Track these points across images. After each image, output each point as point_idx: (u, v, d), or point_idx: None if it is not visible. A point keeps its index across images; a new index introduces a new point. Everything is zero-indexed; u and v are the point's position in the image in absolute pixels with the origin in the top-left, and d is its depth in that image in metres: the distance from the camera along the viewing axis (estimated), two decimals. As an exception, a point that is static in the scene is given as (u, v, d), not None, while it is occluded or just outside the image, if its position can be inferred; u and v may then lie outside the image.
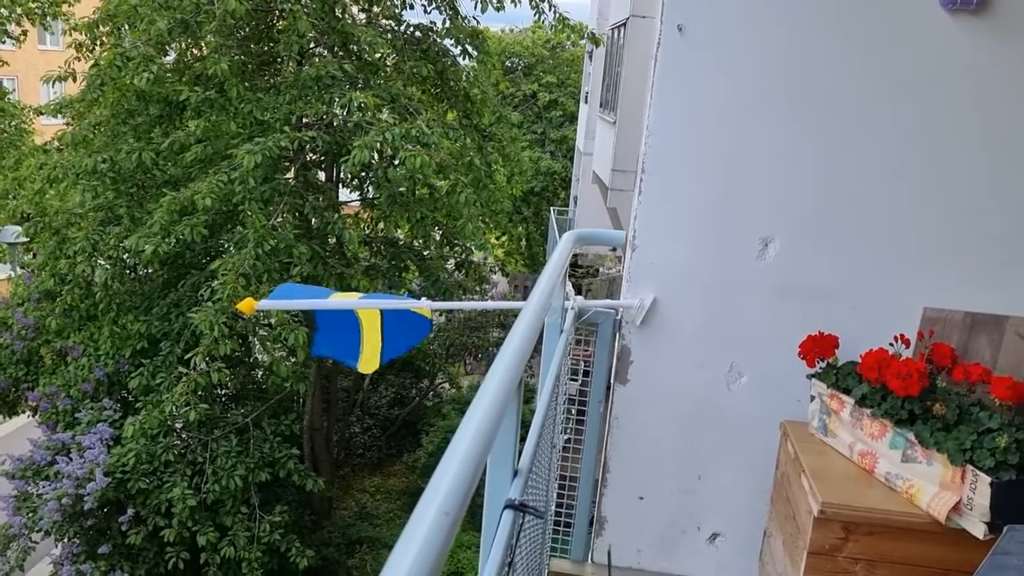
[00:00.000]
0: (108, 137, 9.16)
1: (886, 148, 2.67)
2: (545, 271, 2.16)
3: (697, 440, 2.95)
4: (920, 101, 2.61)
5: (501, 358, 1.49)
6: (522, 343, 1.61)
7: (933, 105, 2.61)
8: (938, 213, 2.67)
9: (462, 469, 1.11)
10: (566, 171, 23.49)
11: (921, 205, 2.67)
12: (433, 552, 0.93)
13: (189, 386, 7.83)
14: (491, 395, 1.32)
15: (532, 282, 23.57)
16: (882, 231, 2.71)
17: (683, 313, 2.84)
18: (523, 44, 25.08)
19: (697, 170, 2.74)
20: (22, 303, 9.80)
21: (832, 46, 2.61)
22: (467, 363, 17.76)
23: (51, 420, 9.42)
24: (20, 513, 8.78)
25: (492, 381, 1.37)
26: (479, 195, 9.32)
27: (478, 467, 1.14)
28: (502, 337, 14.38)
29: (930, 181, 2.66)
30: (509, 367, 1.46)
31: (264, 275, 7.96)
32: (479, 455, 1.16)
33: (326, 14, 9.08)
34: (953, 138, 2.62)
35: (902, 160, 2.66)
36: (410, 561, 0.90)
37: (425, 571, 0.90)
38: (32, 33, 18.94)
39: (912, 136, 2.64)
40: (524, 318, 1.76)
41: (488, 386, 1.35)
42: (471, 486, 1.09)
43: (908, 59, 2.59)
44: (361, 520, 12.46)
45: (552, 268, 2.20)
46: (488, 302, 14.53)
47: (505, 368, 1.45)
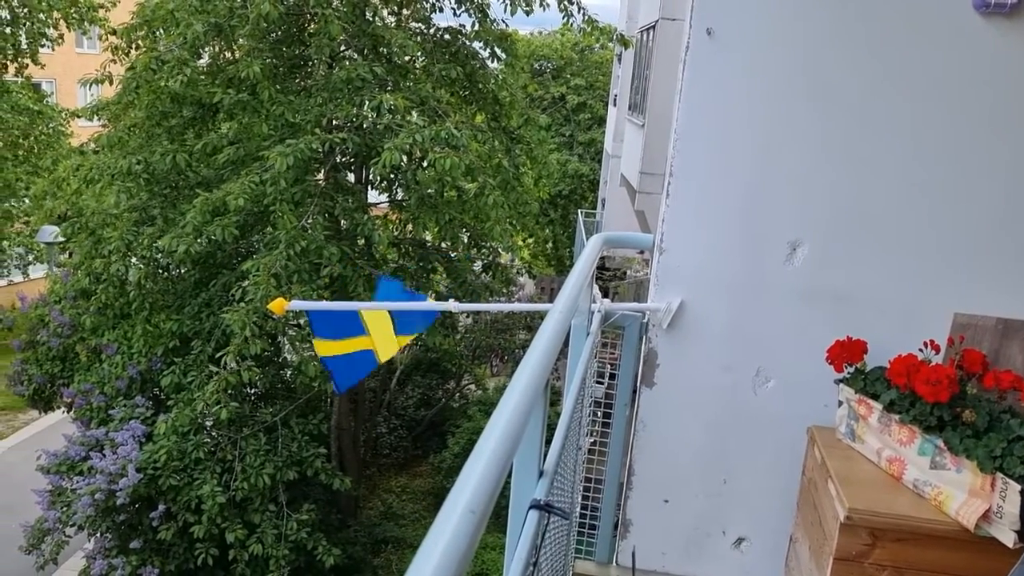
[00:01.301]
0: (143, 139, 9.33)
1: (916, 151, 2.64)
2: (572, 274, 2.18)
3: (723, 444, 2.94)
4: (951, 104, 2.59)
5: (528, 360, 1.51)
6: (549, 345, 1.63)
7: (964, 108, 2.58)
8: (969, 217, 2.64)
9: (488, 468, 1.13)
10: (594, 174, 23.46)
11: (951, 209, 2.65)
12: (459, 550, 0.95)
13: (220, 384, 7.95)
14: (518, 396, 1.34)
15: (559, 284, 23.52)
16: (912, 235, 2.69)
17: (710, 316, 2.84)
18: (552, 47, 25.08)
19: (725, 174, 2.74)
20: (59, 301, 10.01)
21: (860, 49, 2.60)
22: (493, 365, 17.80)
23: (85, 416, 9.61)
24: (55, 507, 8.96)
25: (519, 383, 1.39)
26: (507, 197, 9.35)
27: (504, 467, 1.16)
28: (528, 339, 14.49)
29: (961, 185, 2.63)
30: (535, 369, 1.48)
31: (295, 275, 8.06)
32: (505, 455, 1.18)
33: (357, 17, 9.18)
34: (984, 141, 2.60)
35: (932, 163, 2.64)
36: (436, 558, 0.92)
37: (451, 569, 0.92)
38: (69, 37, 19.35)
39: (942, 139, 2.62)
40: (551, 320, 1.78)
41: (515, 387, 1.37)
42: (497, 485, 1.11)
43: (939, 62, 2.57)
44: (387, 520, 12.53)
45: (579, 271, 2.21)
46: (515, 304, 14.55)
47: (532, 370, 1.47)
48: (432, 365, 15.74)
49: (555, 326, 1.74)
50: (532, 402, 1.38)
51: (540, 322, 7.13)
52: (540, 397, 1.51)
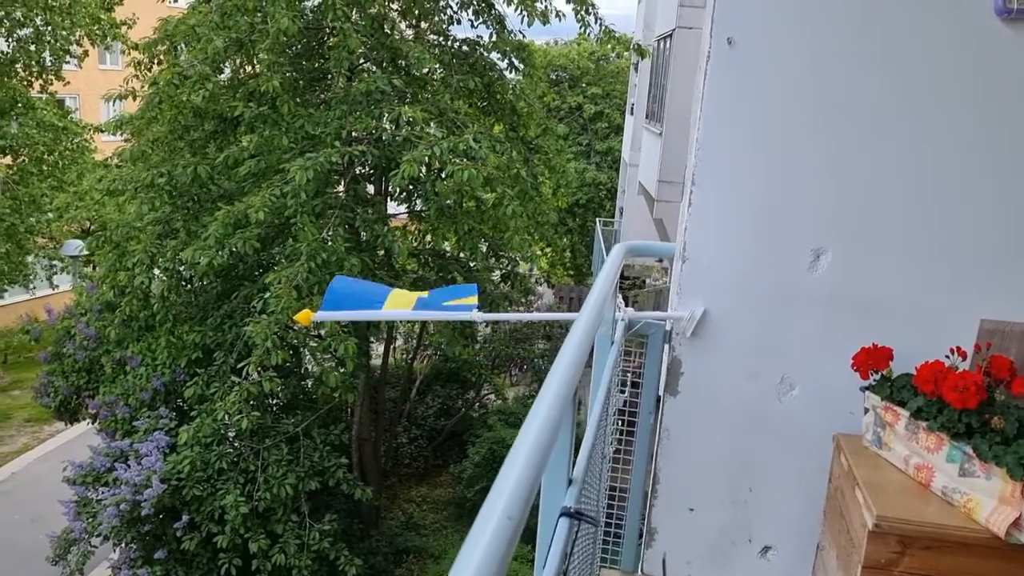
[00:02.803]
0: (165, 152, 9.46)
1: (940, 158, 2.64)
2: (596, 283, 2.19)
3: (748, 452, 2.94)
4: (975, 110, 2.58)
5: (556, 369, 1.53)
6: (576, 354, 1.64)
7: (988, 114, 2.58)
8: (995, 223, 2.63)
9: (523, 475, 1.14)
10: (612, 182, 23.47)
11: (977, 215, 2.64)
12: (498, 555, 0.97)
13: (242, 394, 8.02)
14: (548, 405, 1.36)
15: (577, 293, 23.56)
16: (937, 242, 2.68)
17: (734, 324, 2.84)
18: (568, 56, 25.16)
19: (747, 182, 2.74)
20: (85, 313, 10.14)
21: (884, 56, 2.60)
22: (513, 374, 17.78)
23: (110, 428, 9.71)
24: (80, 518, 9.05)
25: (549, 391, 1.40)
26: (526, 207, 9.38)
27: (538, 474, 1.17)
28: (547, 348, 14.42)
29: (987, 190, 2.62)
30: (564, 377, 1.49)
31: (315, 287, 8.11)
32: (538, 463, 1.20)
33: (375, 31, 9.27)
34: (1009, 146, 2.59)
35: (957, 170, 2.63)
36: (475, 564, 0.94)
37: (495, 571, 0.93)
38: (92, 53, 19.63)
39: (968, 145, 2.61)
40: (577, 330, 1.79)
41: (545, 396, 1.39)
42: (532, 492, 1.13)
43: (961, 68, 2.57)
44: (408, 530, 12.54)
45: (603, 280, 2.23)
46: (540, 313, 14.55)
47: (561, 378, 1.48)
48: (452, 375, 15.76)
49: (581, 335, 1.76)
50: (563, 411, 1.39)
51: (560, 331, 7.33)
52: (569, 406, 1.53)
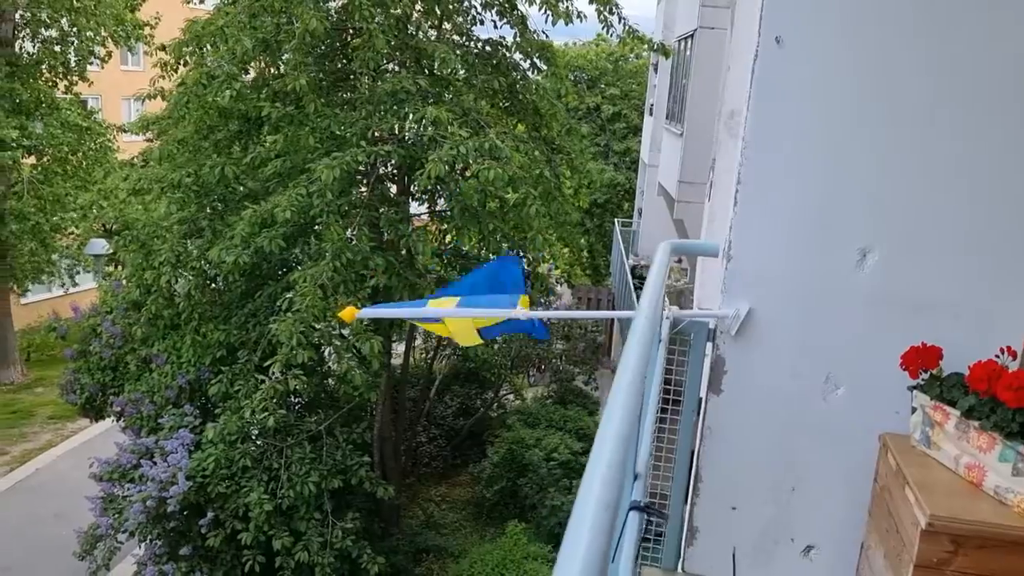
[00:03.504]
0: (190, 152, 9.53)
1: (990, 156, 2.63)
2: (649, 280, 2.20)
3: (791, 451, 2.94)
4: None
5: (625, 364, 1.53)
6: (641, 350, 1.65)
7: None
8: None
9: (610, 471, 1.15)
10: (630, 183, 23.45)
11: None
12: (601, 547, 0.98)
13: (268, 393, 8.07)
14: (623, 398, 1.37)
15: (595, 294, 23.53)
16: (985, 241, 2.67)
17: (779, 323, 2.84)
18: (586, 57, 25.16)
19: (794, 180, 2.74)
20: (110, 311, 10.23)
21: (934, 52, 2.60)
22: (531, 374, 17.80)
23: (135, 425, 9.78)
24: (107, 514, 9.13)
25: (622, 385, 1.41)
26: (548, 207, 9.39)
27: (623, 468, 1.18)
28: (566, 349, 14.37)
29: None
30: (635, 372, 1.50)
31: (340, 286, 8.16)
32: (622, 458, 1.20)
33: (400, 31, 9.30)
34: (1060, 146, 2.57)
35: (1006, 167, 2.62)
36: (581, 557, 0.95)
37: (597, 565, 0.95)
38: (115, 54, 19.81)
39: (1017, 144, 2.60)
40: (638, 326, 1.80)
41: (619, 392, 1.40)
42: (622, 483, 1.14)
43: (1014, 64, 2.55)
44: (428, 529, 12.58)
45: (655, 277, 2.24)
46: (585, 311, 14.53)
47: (631, 373, 1.49)
48: (470, 375, 15.80)
49: (643, 331, 1.76)
50: (637, 404, 1.40)
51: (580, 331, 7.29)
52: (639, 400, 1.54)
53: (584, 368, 16.40)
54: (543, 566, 10.84)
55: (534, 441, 13.23)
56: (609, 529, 1.02)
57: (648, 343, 1.76)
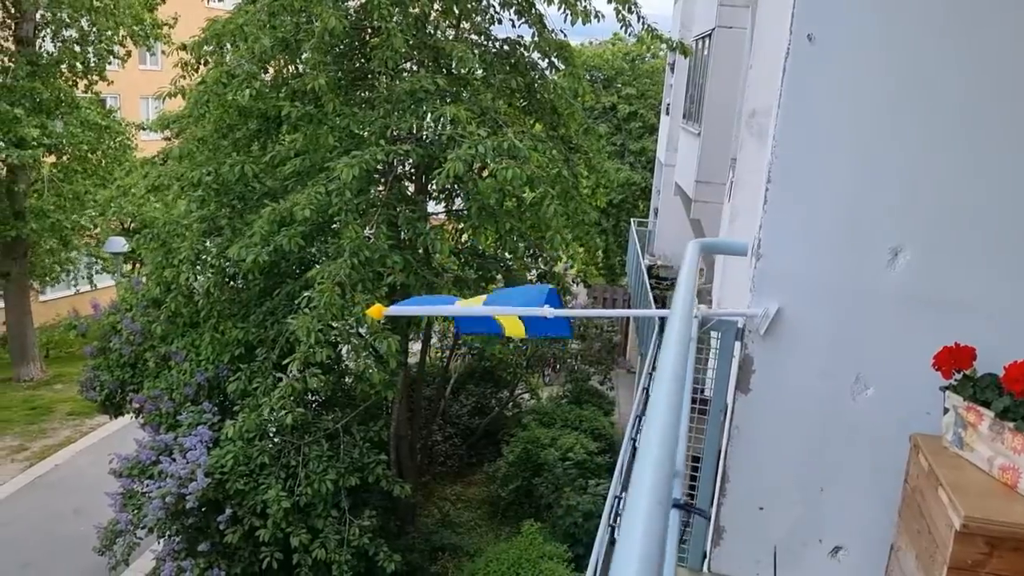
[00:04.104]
0: (210, 151, 9.59)
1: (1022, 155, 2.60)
2: (681, 280, 2.20)
3: (820, 451, 2.92)
4: (1061, 106, 2.54)
5: (665, 362, 1.53)
6: (680, 348, 1.65)
7: (1076, 111, 2.54)
8: (1080, 222, 2.59)
9: (660, 466, 1.15)
10: (645, 182, 23.39)
11: (1061, 213, 2.60)
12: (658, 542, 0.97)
13: (286, 390, 8.10)
14: (666, 395, 1.37)
15: (611, 294, 23.48)
16: (1018, 240, 2.64)
17: (808, 323, 2.82)
18: (603, 57, 25.11)
19: (825, 179, 2.73)
20: (130, 309, 10.31)
21: (968, 50, 2.57)
22: (546, 374, 17.80)
23: (154, 422, 9.85)
24: (126, 510, 9.21)
25: (664, 378, 1.41)
26: (566, 206, 9.38)
27: (672, 464, 1.18)
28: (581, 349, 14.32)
29: (1071, 189, 2.58)
30: (676, 370, 1.50)
31: (358, 284, 8.18)
32: (670, 452, 1.20)
33: (418, 30, 9.32)
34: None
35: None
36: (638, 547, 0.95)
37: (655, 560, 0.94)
38: (133, 53, 19.96)
39: (1052, 143, 2.57)
40: (674, 325, 1.80)
41: (661, 389, 1.40)
42: (671, 481, 1.13)
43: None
44: (444, 527, 12.60)
45: (687, 276, 2.23)
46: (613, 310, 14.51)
47: (672, 371, 1.49)
48: (485, 374, 15.82)
49: (680, 330, 1.76)
50: (680, 402, 1.40)
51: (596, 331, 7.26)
52: (681, 397, 1.53)
53: (599, 368, 16.39)
54: (559, 565, 10.82)
55: (549, 441, 13.22)
56: (664, 528, 1.01)
57: (686, 342, 1.76)
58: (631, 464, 7.44)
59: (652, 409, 1.33)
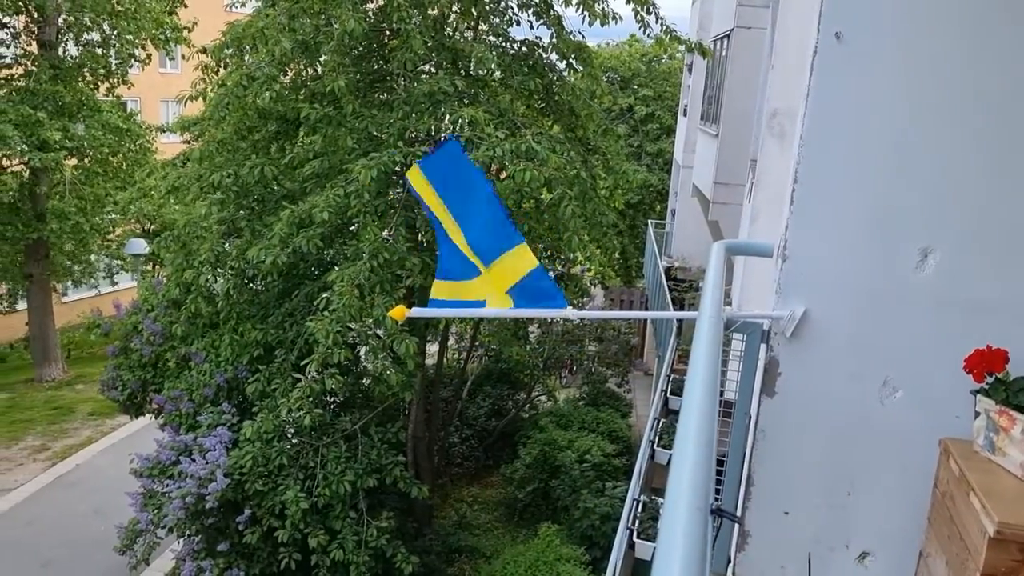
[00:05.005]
0: (229, 153, 9.64)
1: (1056, 156, 2.56)
2: (708, 282, 2.17)
3: (847, 455, 2.88)
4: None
5: (696, 366, 1.51)
6: (711, 350, 1.63)
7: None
8: (1115, 223, 2.54)
9: (697, 470, 1.13)
10: (663, 184, 23.30)
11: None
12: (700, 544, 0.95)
13: (304, 391, 8.12)
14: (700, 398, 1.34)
15: (628, 296, 23.41)
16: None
17: (835, 325, 2.78)
18: (619, 58, 25.05)
19: (853, 180, 2.69)
20: (151, 310, 10.38)
21: (1000, 48, 2.53)
22: (563, 376, 17.76)
23: (174, 422, 9.92)
24: (147, 510, 9.27)
25: (696, 383, 1.39)
26: (584, 208, 9.35)
27: (710, 468, 1.16)
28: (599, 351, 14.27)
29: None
30: (708, 373, 1.48)
31: (377, 286, 8.19)
32: (707, 458, 1.18)
33: (436, 32, 9.33)
34: None
35: (1075, 168, 2.55)
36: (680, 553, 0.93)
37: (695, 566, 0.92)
38: (153, 57, 20.13)
39: (1087, 143, 2.52)
40: (704, 328, 1.77)
41: (694, 392, 1.37)
42: (708, 487, 1.11)
43: (1084, 63, 2.48)
44: (460, 529, 12.60)
45: (714, 278, 2.21)
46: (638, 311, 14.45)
47: (704, 374, 1.47)
48: (502, 375, 15.80)
49: (710, 333, 1.74)
50: (714, 405, 1.38)
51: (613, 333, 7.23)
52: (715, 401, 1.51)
53: (617, 370, 16.34)
54: (576, 568, 10.79)
55: (566, 443, 13.19)
56: (704, 534, 0.99)
57: (716, 344, 1.73)
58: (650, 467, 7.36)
59: (686, 413, 1.31)
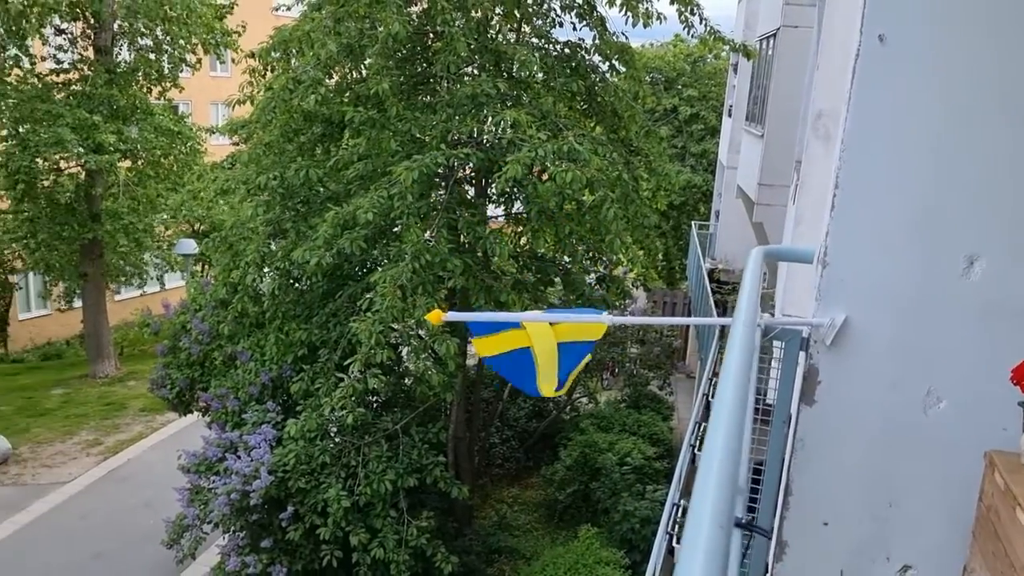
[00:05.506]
0: (276, 155, 9.80)
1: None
2: (744, 288, 2.14)
3: (888, 466, 2.82)
4: None
5: (727, 375, 1.49)
6: (743, 358, 1.61)
7: None
8: None
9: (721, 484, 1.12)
10: (707, 184, 23.07)
11: None
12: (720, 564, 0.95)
13: (347, 391, 8.22)
14: (729, 409, 1.33)
15: (671, 298, 23.21)
16: (1105, 249, 2.51)
17: (877, 333, 2.73)
18: (664, 59, 24.86)
19: (896, 184, 2.63)
20: (199, 309, 10.61)
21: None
22: (604, 378, 17.66)
23: (220, 420, 10.11)
24: (193, 505, 9.46)
25: (727, 398, 1.37)
26: (626, 210, 9.31)
27: (735, 483, 1.15)
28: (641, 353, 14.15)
29: None
30: (739, 383, 1.46)
31: (419, 287, 8.26)
32: (732, 472, 1.17)
33: (479, 34, 9.36)
34: None
35: None
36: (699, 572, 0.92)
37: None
38: (204, 61, 20.57)
39: None
40: (737, 335, 1.75)
41: (724, 403, 1.36)
42: (733, 501, 1.10)
43: None
44: (500, 530, 12.61)
45: (750, 284, 2.18)
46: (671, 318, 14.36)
47: (735, 384, 1.45)
48: (544, 376, 15.76)
49: (743, 341, 1.72)
50: (743, 416, 1.36)
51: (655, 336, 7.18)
52: (744, 412, 1.50)
53: (659, 373, 16.20)
54: (615, 571, 10.73)
55: (607, 445, 13.13)
56: (726, 553, 0.99)
57: (749, 352, 1.72)
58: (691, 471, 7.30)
59: (714, 425, 1.29)
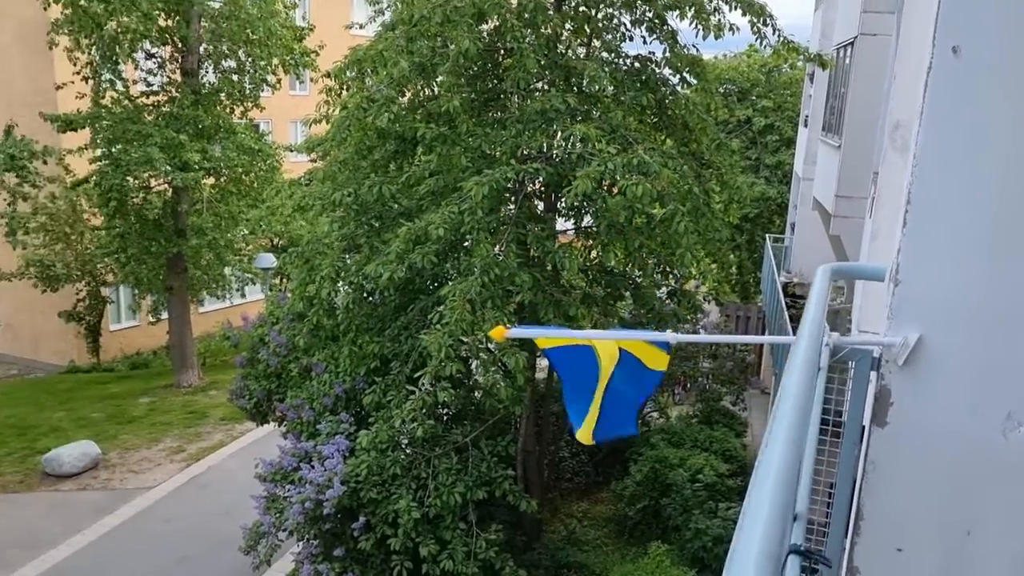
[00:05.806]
0: (350, 172, 10.06)
1: None
2: (809, 307, 2.11)
3: (966, 491, 2.71)
4: None
5: (785, 397, 1.48)
6: (803, 380, 1.59)
7: None
8: None
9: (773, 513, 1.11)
10: (781, 197, 22.57)
11: None
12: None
13: (417, 403, 8.34)
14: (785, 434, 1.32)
15: (744, 312, 22.76)
16: None
17: (952, 353, 2.64)
18: (737, 69, 24.50)
19: (972, 200, 2.54)
20: (276, 322, 10.94)
21: None
22: (676, 393, 17.43)
23: (296, 430, 10.38)
24: (269, 513, 9.72)
25: (783, 421, 1.36)
26: (697, 223, 9.21)
27: (788, 512, 1.14)
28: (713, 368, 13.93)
29: None
30: (796, 406, 1.45)
31: (488, 301, 8.33)
32: (786, 501, 1.16)
33: (549, 50, 9.43)
34: None
35: None
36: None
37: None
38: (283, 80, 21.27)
39: None
40: (798, 356, 1.73)
41: (779, 426, 1.35)
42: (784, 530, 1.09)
43: None
44: (569, 544, 12.54)
45: (816, 304, 2.15)
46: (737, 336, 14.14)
47: (793, 406, 1.43)
48: (614, 392, 15.65)
49: (804, 362, 1.70)
50: (800, 441, 1.35)
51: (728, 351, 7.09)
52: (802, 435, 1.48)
53: (732, 388, 15.89)
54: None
55: (678, 461, 12.93)
56: (774, 575, 0.98)
57: (810, 374, 1.69)
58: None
59: (768, 449, 1.29)
